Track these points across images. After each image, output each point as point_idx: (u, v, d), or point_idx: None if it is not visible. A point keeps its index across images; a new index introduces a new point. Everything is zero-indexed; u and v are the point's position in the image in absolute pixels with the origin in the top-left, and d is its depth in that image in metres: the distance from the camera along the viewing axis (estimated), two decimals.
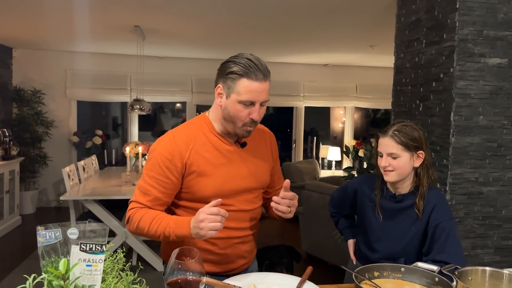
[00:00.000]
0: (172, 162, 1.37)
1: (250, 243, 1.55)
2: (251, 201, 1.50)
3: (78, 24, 4.55)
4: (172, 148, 1.38)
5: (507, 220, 2.53)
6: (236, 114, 1.36)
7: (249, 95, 1.33)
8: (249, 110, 1.35)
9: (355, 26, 4.38)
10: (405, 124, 1.55)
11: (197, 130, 1.45)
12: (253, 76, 1.32)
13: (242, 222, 1.48)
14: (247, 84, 1.32)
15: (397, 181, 1.56)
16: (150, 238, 1.39)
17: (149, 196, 1.39)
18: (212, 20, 4.29)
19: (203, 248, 1.42)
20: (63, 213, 5.95)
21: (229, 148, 1.45)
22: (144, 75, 5.89)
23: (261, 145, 1.55)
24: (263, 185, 1.55)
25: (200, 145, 1.41)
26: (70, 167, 4.30)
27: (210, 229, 1.22)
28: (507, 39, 2.43)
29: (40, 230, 0.94)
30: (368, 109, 7.86)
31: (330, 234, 3.75)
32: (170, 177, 1.38)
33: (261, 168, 1.52)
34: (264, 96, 1.36)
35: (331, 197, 1.91)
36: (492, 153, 2.48)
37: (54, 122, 6.33)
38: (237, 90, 1.33)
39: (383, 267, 1.37)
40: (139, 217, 1.37)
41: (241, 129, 1.39)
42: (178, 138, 1.41)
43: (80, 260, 0.90)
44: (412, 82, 2.85)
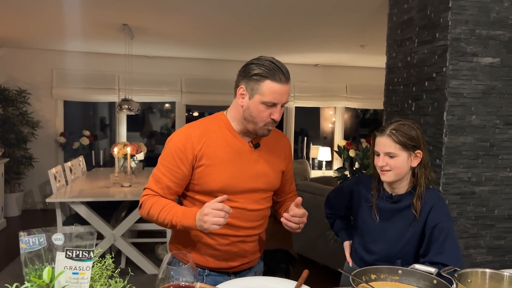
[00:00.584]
0: (184, 154, 1.44)
1: (253, 243, 1.56)
2: (257, 202, 1.52)
3: (65, 22, 4.46)
4: (185, 140, 1.45)
5: (500, 219, 2.53)
6: (258, 114, 1.41)
7: (272, 96, 1.39)
8: (271, 110, 1.41)
9: (345, 26, 4.37)
10: (403, 123, 1.52)
11: (213, 126, 1.51)
12: (277, 78, 1.38)
13: (244, 221, 1.50)
14: (271, 85, 1.38)
15: (394, 181, 1.53)
16: (159, 225, 1.46)
17: (160, 184, 1.47)
18: (202, 19, 4.24)
19: (205, 243, 1.49)
20: (49, 215, 5.82)
21: (241, 147, 1.50)
22: (132, 74, 5.80)
23: (275, 149, 1.58)
24: (271, 188, 1.57)
25: (213, 140, 1.47)
26: (56, 168, 4.20)
27: (213, 223, 1.28)
28: (499, 39, 2.43)
29: (22, 236, 0.88)
30: (357, 109, 7.87)
31: (322, 235, 3.73)
32: (182, 168, 1.45)
33: (272, 171, 1.55)
34: (285, 97, 1.42)
35: (327, 198, 1.87)
36: (485, 152, 2.48)
37: (40, 122, 6.20)
38: (261, 91, 1.39)
39: (380, 270, 1.34)
40: (150, 204, 1.45)
41: (262, 129, 1.45)
42: (192, 131, 1.47)
43: (66, 268, 0.85)
44: (404, 81, 2.84)
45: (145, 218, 1.50)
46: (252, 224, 1.53)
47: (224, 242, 1.49)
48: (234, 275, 1.56)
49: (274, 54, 5.39)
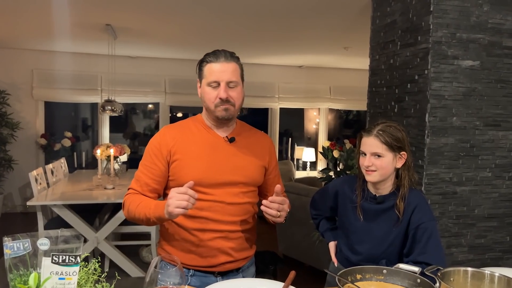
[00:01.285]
0: (159, 150, 1.50)
1: (237, 240, 1.53)
2: (236, 195, 1.51)
3: (46, 22, 4.38)
4: (160, 138, 1.52)
5: (480, 219, 2.59)
6: (207, 97, 1.48)
7: (212, 76, 1.45)
8: (217, 92, 1.46)
9: (329, 28, 4.41)
10: (389, 124, 1.55)
11: (188, 124, 1.57)
12: (215, 59, 1.47)
13: (224, 215, 1.49)
14: (210, 66, 1.47)
15: (379, 181, 1.55)
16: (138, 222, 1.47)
17: (139, 182, 1.51)
18: (186, 20, 4.22)
19: (187, 239, 1.50)
20: (30, 218, 5.70)
21: (216, 141, 1.53)
22: (115, 75, 5.73)
23: (255, 146, 1.60)
24: (252, 182, 1.56)
25: (187, 136, 1.52)
26: (37, 170, 4.12)
27: (176, 206, 1.26)
28: (479, 42, 2.49)
29: (7, 241, 0.86)
30: (340, 110, 7.95)
31: (307, 235, 3.75)
32: (157, 164, 1.49)
33: (250, 164, 1.55)
34: (227, 75, 1.45)
35: (312, 200, 1.88)
36: (465, 153, 2.53)
37: (20, 123, 6.06)
38: (205, 76, 1.49)
39: (366, 270, 1.36)
40: (129, 202, 1.48)
41: (217, 111, 1.47)
42: (167, 130, 1.55)
43: (52, 273, 0.83)
44: (387, 83, 2.88)
45: (127, 217, 1.52)
46: (233, 219, 1.51)
47: (205, 238, 1.48)
48: (221, 277, 1.53)
49: (258, 55, 5.41)
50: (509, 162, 2.61)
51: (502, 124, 2.57)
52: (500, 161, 2.59)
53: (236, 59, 1.52)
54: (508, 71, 2.56)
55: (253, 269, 1.68)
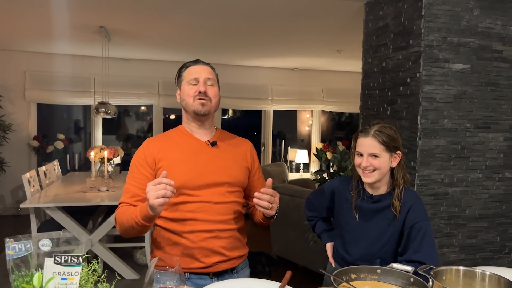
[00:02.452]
0: (144, 160, 1.55)
1: (227, 240, 1.55)
2: (222, 194, 1.55)
3: (39, 23, 4.36)
4: (145, 149, 1.58)
5: (471, 219, 2.64)
6: (186, 94, 1.58)
7: (192, 75, 1.59)
8: (196, 88, 1.57)
9: (322, 31, 4.45)
10: (384, 125, 1.59)
11: (171, 134, 1.65)
12: (193, 63, 1.63)
13: (212, 215, 1.52)
14: (188, 69, 1.61)
15: (376, 181, 1.58)
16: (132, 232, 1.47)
17: (129, 193, 1.53)
18: (179, 22, 4.23)
19: (178, 243, 1.52)
20: (22, 221, 5.66)
21: (198, 145, 1.60)
22: (109, 77, 5.72)
23: (235, 150, 1.66)
24: (237, 182, 1.60)
25: (170, 144, 1.59)
26: (30, 173, 4.10)
27: (155, 197, 1.28)
28: (469, 46, 2.54)
29: (9, 242, 0.88)
30: (333, 112, 8.01)
31: (301, 236, 3.77)
32: (144, 173, 1.54)
33: (232, 165, 1.61)
34: (206, 73, 1.60)
35: (307, 201, 1.90)
36: (456, 155, 2.58)
37: (12, 125, 6.03)
38: (184, 78, 1.61)
39: (360, 269, 1.38)
40: (119, 216, 1.50)
41: (194, 104, 1.56)
42: (150, 142, 1.61)
43: (55, 274, 0.85)
44: (380, 86, 2.92)
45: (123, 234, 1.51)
46: (222, 218, 1.53)
47: (197, 239, 1.50)
48: (216, 278, 1.54)
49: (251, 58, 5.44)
50: (499, 164, 2.66)
51: (492, 126, 2.63)
52: (490, 163, 2.64)
53: (212, 68, 1.66)
54: (498, 74, 2.61)
55: (248, 271, 1.69)
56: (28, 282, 0.83)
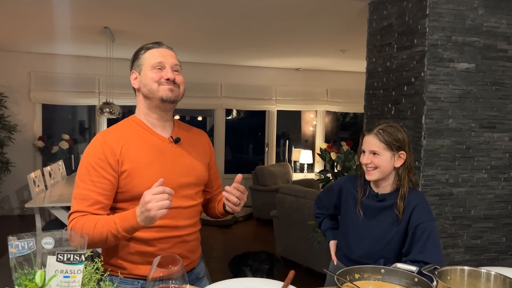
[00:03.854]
0: (105, 161, 1.34)
1: (192, 242, 1.49)
2: (190, 198, 1.46)
3: (44, 24, 4.39)
4: (102, 147, 1.36)
5: (476, 219, 2.62)
6: (151, 79, 1.40)
7: (157, 58, 1.41)
8: (162, 73, 1.41)
9: (326, 31, 4.44)
10: (391, 125, 1.59)
11: (127, 128, 1.45)
12: (156, 45, 1.45)
13: (181, 220, 1.43)
14: (151, 52, 1.44)
15: (378, 179, 1.58)
16: (97, 245, 1.29)
17: (88, 201, 1.32)
18: (183, 23, 4.24)
19: (144, 252, 1.38)
20: (27, 221, 5.69)
21: (161, 143, 1.45)
22: (113, 77, 5.74)
23: (196, 144, 1.56)
24: (201, 181, 1.52)
25: (130, 142, 1.40)
26: (36, 173, 4.12)
27: (159, 208, 1.17)
28: (474, 45, 2.53)
29: (12, 240, 0.88)
30: (337, 112, 7.99)
31: (305, 237, 3.77)
32: (107, 177, 1.34)
33: (197, 164, 1.51)
34: (172, 59, 1.44)
35: (317, 198, 1.91)
36: (461, 155, 2.56)
37: (17, 126, 6.06)
38: (146, 61, 1.43)
39: (364, 269, 1.38)
40: (80, 226, 1.28)
41: (161, 90, 1.40)
42: (107, 137, 1.39)
43: (57, 272, 0.85)
44: (384, 86, 2.91)
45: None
46: (190, 222, 1.46)
47: (166, 246, 1.39)
48: None
49: (255, 58, 5.43)
50: (504, 164, 2.64)
51: (497, 126, 2.61)
52: (495, 163, 2.62)
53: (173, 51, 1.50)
54: (503, 73, 2.59)
55: (203, 264, 1.63)
56: (31, 280, 0.83)
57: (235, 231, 5.71)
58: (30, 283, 0.80)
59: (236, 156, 7.85)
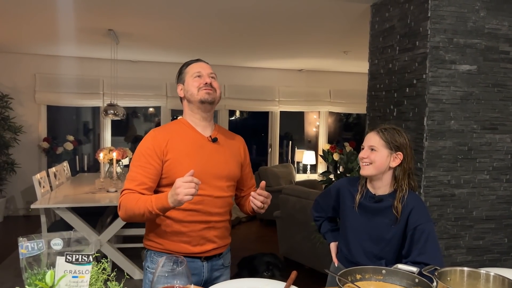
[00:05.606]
0: (153, 151, 1.62)
1: (220, 230, 1.70)
2: (222, 189, 1.68)
3: (49, 26, 4.43)
4: (153, 140, 1.64)
5: (478, 221, 2.63)
6: (191, 86, 1.68)
7: (195, 69, 1.70)
8: (201, 79, 1.67)
9: (329, 33, 4.46)
10: (394, 127, 1.65)
11: (174, 127, 1.73)
12: (194, 61, 1.75)
13: (212, 207, 1.65)
14: (191, 66, 1.73)
15: (372, 175, 1.62)
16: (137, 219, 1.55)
17: (136, 181, 1.59)
18: (187, 24, 4.27)
19: (178, 231, 1.62)
20: (32, 221, 5.74)
21: (202, 140, 1.69)
22: (117, 79, 5.79)
23: (231, 145, 1.79)
24: (233, 176, 1.74)
25: (176, 137, 1.67)
26: (41, 174, 4.16)
27: (185, 194, 1.38)
28: (475, 47, 2.54)
29: (22, 241, 0.91)
30: (340, 113, 7.99)
31: (308, 237, 3.78)
32: (152, 163, 1.61)
33: (231, 161, 1.73)
34: (209, 69, 1.72)
35: (315, 202, 1.94)
36: (463, 156, 2.58)
37: (23, 127, 6.11)
38: (188, 74, 1.71)
39: (365, 270, 1.39)
40: (126, 201, 1.56)
41: (200, 94, 1.66)
42: (157, 133, 1.68)
43: (66, 272, 0.87)
44: (386, 87, 2.93)
45: (124, 218, 1.60)
46: (220, 210, 1.68)
47: (197, 228, 1.63)
48: (206, 261, 1.69)
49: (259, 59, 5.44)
50: (506, 165, 2.65)
51: (499, 127, 2.62)
52: (497, 164, 2.63)
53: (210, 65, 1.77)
54: (505, 75, 2.60)
55: (230, 255, 1.85)
56: (41, 280, 0.85)
57: (239, 232, 5.74)
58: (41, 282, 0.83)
59: None
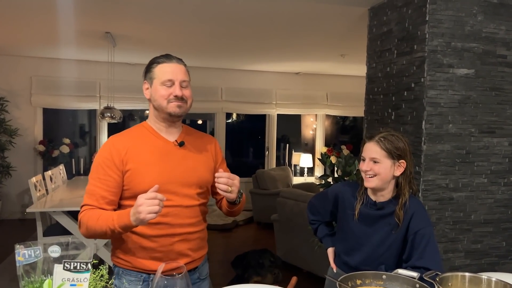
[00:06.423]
0: (111, 161, 1.49)
1: (194, 242, 1.57)
2: (192, 198, 1.55)
3: (45, 29, 4.41)
4: (110, 149, 1.51)
5: (476, 224, 2.63)
6: (160, 95, 1.51)
7: (166, 75, 1.51)
8: (170, 90, 1.51)
9: (326, 36, 4.46)
10: (392, 133, 1.59)
11: (135, 133, 1.59)
12: (167, 60, 1.54)
13: (181, 219, 1.52)
14: (162, 67, 1.53)
15: (377, 187, 1.58)
16: (99, 237, 1.44)
17: (95, 196, 1.48)
18: (184, 28, 4.26)
19: (146, 247, 1.49)
20: (28, 225, 5.69)
21: (165, 146, 1.56)
22: (114, 82, 5.76)
23: (201, 148, 1.64)
24: (204, 183, 1.60)
25: (137, 144, 1.53)
26: (37, 177, 4.13)
27: (148, 212, 1.28)
28: (473, 51, 2.55)
29: (19, 248, 0.89)
30: (337, 116, 8.00)
31: (305, 241, 3.77)
32: (112, 175, 1.48)
33: (200, 166, 1.59)
34: (181, 75, 1.54)
35: (310, 204, 1.90)
36: (461, 160, 2.58)
37: (19, 130, 6.07)
38: (157, 76, 1.53)
39: (366, 275, 1.38)
40: (87, 218, 1.45)
41: (169, 107, 1.51)
42: (115, 140, 1.54)
43: (64, 280, 0.86)
44: (384, 91, 2.93)
45: (85, 235, 1.48)
46: (192, 221, 1.55)
47: (167, 243, 1.49)
48: None
49: (256, 62, 5.44)
50: (504, 168, 2.66)
51: (496, 131, 2.62)
52: (495, 167, 2.63)
53: (184, 63, 1.60)
54: (502, 79, 2.61)
55: (207, 266, 1.72)
56: None
57: (236, 235, 5.71)
58: None
59: (237, 160, 7.86)
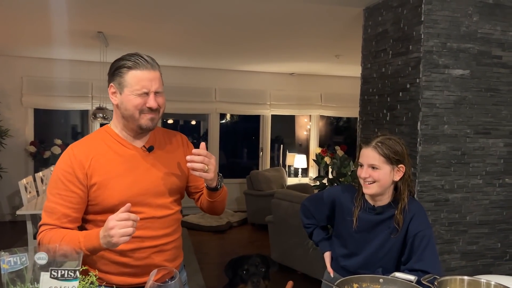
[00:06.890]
0: (73, 175, 1.34)
1: (170, 252, 1.46)
2: (165, 207, 1.44)
3: (37, 29, 4.34)
4: (71, 161, 1.35)
5: (472, 225, 2.62)
6: (132, 106, 1.35)
7: (139, 85, 1.34)
8: (144, 100, 1.35)
9: (321, 36, 4.44)
10: (389, 137, 1.56)
11: (98, 140, 1.43)
12: (139, 66, 1.34)
13: (157, 230, 1.41)
14: (135, 74, 1.34)
15: (377, 193, 1.54)
16: None
17: (56, 214, 1.32)
18: (177, 28, 4.22)
19: (119, 262, 1.37)
20: (19, 227, 5.61)
21: (133, 153, 1.42)
22: (106, 82, 5.70)
23: (171, 150, 1.50)
24: (178, 189, 1.49)
25: (100, 154, 1.38)
26: (27, 179, 4.07)
27: (121, 236, 1.17)
28: (469, 51, 2.54)
29: (4, 256, 0.85)
30: (330, 117, 8.00)
31: (301, 243, 3.75)
32: (75, 190, 1.33)
33: (174, 171, 1.47)
34: (156, 84, 1.37)
35: (304, 207, 1.84)
36: (457, 161, 2.57)
37: (9, 131, 5.98)
38: (128, 84, 1.35)
39: (362, 279, 1.36)
40: (48, 239, 1.29)
41: (141, 119, 1.36)
42: (76, 151, 1.38)
43: None
44: (379, 92, 2.91)
45: None
46: (167, 231, 1.44)
47: (141, 256, 1.39)
48: None
49: (250, 63, 5.41)
50: (499, 169, 2.65)
51: (492, 132, 2.62)
52: (490, 168, 2.63)
53: (157, 65, 1.41)
54: (498, 79, 2.61)
55: (185, 274, 1.62)
56: None
57: (230, 237, 5.68)
58: None
59: (231, 161, 7.83)
